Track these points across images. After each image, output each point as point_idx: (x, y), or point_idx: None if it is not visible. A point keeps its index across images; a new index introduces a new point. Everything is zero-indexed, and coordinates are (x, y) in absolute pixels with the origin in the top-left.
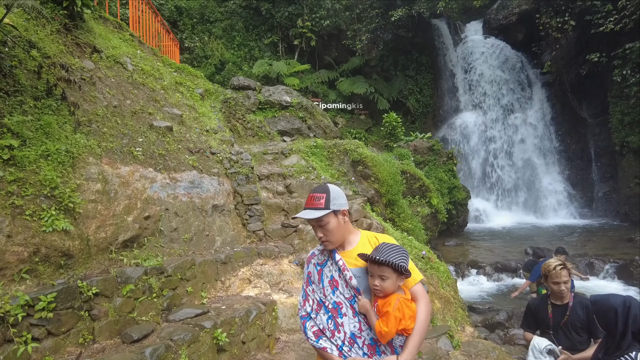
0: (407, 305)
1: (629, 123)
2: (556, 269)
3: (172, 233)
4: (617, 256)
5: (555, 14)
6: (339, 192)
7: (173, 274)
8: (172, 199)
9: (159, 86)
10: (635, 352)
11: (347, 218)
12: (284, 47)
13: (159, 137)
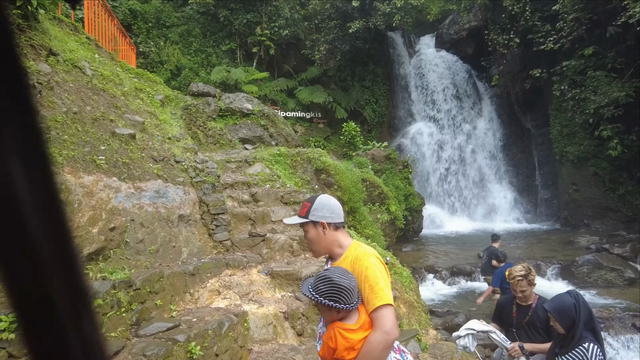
0: (343, 336)
1: (567, 134)
2: (516, 279)
3: (138, 244)
4: (559, 258)
5: (501, 31)
6: (325, 205)
7: (142, 287)
8: (138, 209)
9: (120, 92)
10: (587, 343)
11: (327, 230)
12: (242, 54)
13: (122, 145)
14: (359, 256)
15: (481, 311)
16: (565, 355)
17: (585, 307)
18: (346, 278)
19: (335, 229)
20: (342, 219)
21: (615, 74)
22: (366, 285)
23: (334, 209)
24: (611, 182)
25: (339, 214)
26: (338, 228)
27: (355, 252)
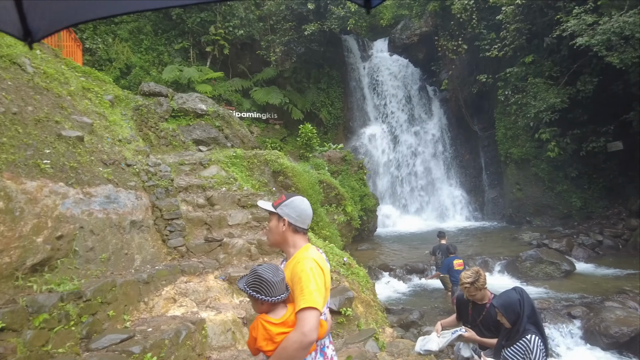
0: (264, 327)
1: (511, 137)
2: (464, 286)
3: (88, 253)
4: (505, 254)
5: (450, 38)
6: (296, 207)
7: (92, 298)
8: (87, 215)
9: (65, 92)
10: (530, 335)
11: (286, 228)
12: (195, 53)
13: (69, 148)
14: (300, 259)
15: (435, 308)
16: (510, 347)
17: (528, 302)
18: (271, 273)
19: (294, 231)
20: (305, 225)
21: (552, 81)
22: (298, 287)
23: (302, 215)
24: (550, 182)
25: (304, 221)
26: (297, 231)
27: (300, 255)
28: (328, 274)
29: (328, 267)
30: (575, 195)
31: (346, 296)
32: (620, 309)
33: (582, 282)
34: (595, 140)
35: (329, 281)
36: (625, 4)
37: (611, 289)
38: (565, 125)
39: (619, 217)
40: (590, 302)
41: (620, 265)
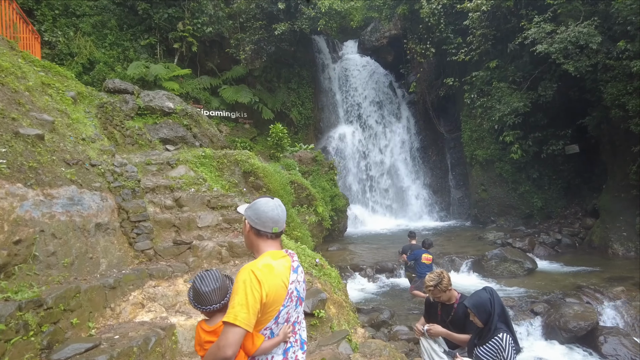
0: (198, 333)
1: (476, 139)
2: (428, 289)
3: (49, 258)
4: (471, 253)
5: (419, 41)
6: (256, 209)
7: (54, 306)
8: (49, 218)
9: (23, 87)
10: (502, 334)
11: (248, 230)
12: (162, 49)
13: (27, 147)
14: (241, 269)
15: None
16: (482, 345)
17: (498, 301)
18: (201, 282)
19: (257, 235)
20: (266, 228)
21: (515, 86)
22: (230, 298)
23: (261, 217)
24: (513, 183)
25: (263, 223)
26: (260, 235)
27: (248, 264)
28: (277, 287)
29: (289, 277)
30: (537, 196)
31: (319, 298)
32: (577, 304)
33: (543, 280)
34: (555, 143)
35: (277, 293)
36: (580, 15)
37: (569, 286)
38: (527, 129)
39: (575, 217)
40: (550, 298)
41: (577, 263)
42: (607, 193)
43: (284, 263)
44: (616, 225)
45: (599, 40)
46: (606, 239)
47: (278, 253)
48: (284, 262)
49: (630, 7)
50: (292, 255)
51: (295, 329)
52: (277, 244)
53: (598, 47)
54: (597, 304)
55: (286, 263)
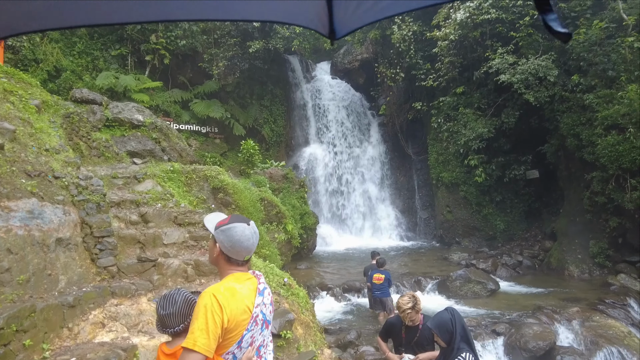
0: (159, 354)
1: (442, 162)
2: (406, 312)
3: (2, 274)
4: (437, 273)
5: (389, 65)
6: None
7: (5, 326)
8: (5, 232)
9: None
10: (465, 353)
11: (218, 254)
12: (133, 61)
13: None
14: (203, 292)
15: (371, 327)
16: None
17: (459, 321)
18: (162, 305)
19: (227, 261)
20: (240, 257)
21: (480, 112)
22: (191, 322)
23: (236, 246)
24: (477, 205)
25: (238, 252)
26: (231, 262)
27: (210, 287)
28: (240, 311)
29: (254, 301)
30: (499, 218)
31: (286, 319)
32: (537, 325)
33: (505, 300)
34: (517, 168)
35: (240, 318)
36: (539, 49)
37: (529, 306)
38: (491, 153)
39: (535, 239)
40: (512, 319)
41: (536, 284)
42: (563, 217)
43: (249, 286)
44: (572, 248)
45: (555, 73)
46: (563, 261)
47: (244, 275)
48: (250, 285)
49: (583, 44)
50: (258, 277)
51: (260, 353)
52: (245, 267)
53: (555, 80)
54: (555, 324)
55: (251, 286)
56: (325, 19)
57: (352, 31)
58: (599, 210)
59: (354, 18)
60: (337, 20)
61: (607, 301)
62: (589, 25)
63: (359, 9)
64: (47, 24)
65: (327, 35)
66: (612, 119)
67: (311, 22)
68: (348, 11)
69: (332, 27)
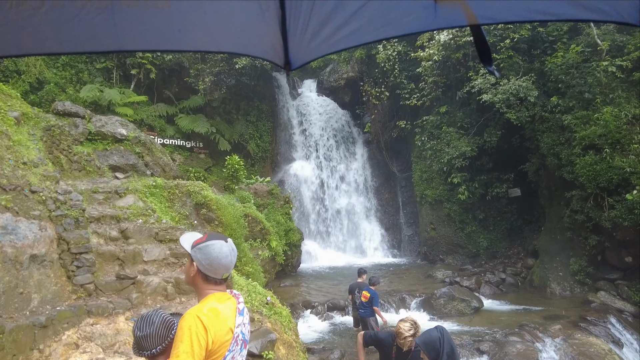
0: None
1: (426, 179)
2: (407, 340)
3: None
4: (421, 291)
5: (374, 84)
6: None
7: None
8: None
9: None
10: None
11: (196, 273)
12: (119, 74)
13: None
14: (186, 314)
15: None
16: None
17: (448, 340)
18: (138, 326)
19: (204, 279)
20: (218, 275)
21: (463, 131)
22: (175, 344)
23: (213, 264)
24: (460, 223)
25: (215, 270)
26: (209, 280)
27: (192, 308)
28: (224, 332)
29: (235, 321)
30: (482, 236)
31: (268, 339)
32: (520, 343)
33: (489, 318)
34: (499, 186)
35: (223, 339)
36: (520, 70)
37: (513, 324)
38: (474, 172)
39: (518, 257)
40: (496, 337)
41: (519, 302)
42: (545, 235)
43: (230, 306)
44: (553, 265)
45: (535, 94)
46: (545, 278)
47: (224, 296)
48: (230, 305)
49: (560, 67)
50: (237, 297)
51: None
52: (224, 286)
53: (535, 100)
54: (537, 342)
55: (232, 306)
56: (280, 51)
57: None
58: (578, 228)
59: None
60: (292, 52)
61: (588, 318)
62: (566, 49)
63: (313, 42)
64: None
65: (282, 66)
66: (590, 139)
67: (266, 53)
68: (302, 44)
69: (287, 58)
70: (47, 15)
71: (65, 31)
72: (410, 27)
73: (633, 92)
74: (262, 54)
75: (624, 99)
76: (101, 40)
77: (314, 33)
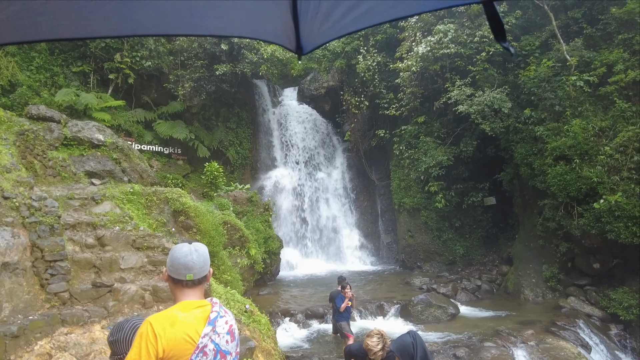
0: None
1: (404, 187)
2: (377, 355)
3: None
4: (399, 298)
5: (354, 94)
6: (171, 254)
7: None
8: None
9: None
10: None
11: (166, 278)
12: (96, 79)
13: None
14: (144, 320)
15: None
16: None
17: (421, 345)
18: (112, 333)
19: (173, 282)
20: (179, 276)
21: (440, 140)
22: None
23: (173, 263)
24: (437, 230)
25: (176, 270)
26: (175, 283)
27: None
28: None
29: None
30: (459, 243)
31: (247, 346)
32: (494, 348)
33: (465, 324)
34: (475, 195)
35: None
36: (495, 82)
37: (488, 330)
38: (450, 180)
39: (493, 264)
40: (471, 343)
41: (494, 308)
42: (519, 242)
43: (197, 314)
44: (527, 272)
45: (509, 105)
46: (518, 285)
47: (192, 303)
48: (198, 313)
49: (533, 80)
50: (214, 305)
51: None
52: (197, 293)
53: (509, 112)
54: (511, 347)
55: (201, 314)
56: (292, 35)
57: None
58: (550, 236)
59: (320, 34)
60: (303, 36)
61: (559, 323)
62: (538, 63)
63: (324, 26)
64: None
65: (294, 50)
66: (560, 150)
67: (278, 38)
68: (314, 28)
69: (299, 42)
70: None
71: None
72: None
73: (600, 105)
74: (274, 39)
75: (591, 112)
76: (115, 25)
77: (325, 16)
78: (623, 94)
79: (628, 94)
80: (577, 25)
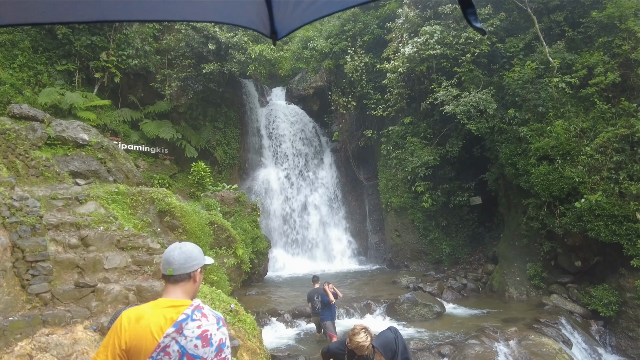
0: None
1: (391, 187)
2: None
3: None
4: (386, 297)
5: (342, 94)
6: (164, 253)
7: None
8: None
9: None
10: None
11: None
12: (81, 77)
13: None
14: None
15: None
16: None
17: (401, 340)
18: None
19: (162, 278)
20: (163, 270)
21: (427, 141)
22: None
23: (162, 258)
24: (424, 230)
25: (162, 265)
26: (162, 279)
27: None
28: (141, 337)
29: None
30: (445, 243)
31: (231, 345)
32: (479, 345)
33: (450, 323)
34: (461, 195)
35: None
36: (480, 83)
37: (472, 327)
38: (436, 180)
39: (479, 263)
40: (456, 340)
41: (480, 306)
42: (504, 241)
43: (166, 314)
44: (511, 270)
45: (494, 106)
46: (503, 283)
47: (167, 302)
48: (166, 313)
49: (517, 82)
50: (189, 308)
51: None
52: (178, 291)
53: (494, 112)
54: (495, 344)
55: (169, 314)
56: (266, 20)
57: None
58: (534, 234)
59: (293, 18)
60: (277, 20)
61: (542, 320)
62: (522, 65)
63: (297, 9)
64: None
65: (269, 35)
66: (543, 150)
67: (252, 22)
68: (287, 11)
69: (274, 27)
70: None
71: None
72: None
73: (581, 107)
74: (248, 23)
75: (573, 113)
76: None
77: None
78: (603, 95)
79: (608, 95)
80: (560, 28)
